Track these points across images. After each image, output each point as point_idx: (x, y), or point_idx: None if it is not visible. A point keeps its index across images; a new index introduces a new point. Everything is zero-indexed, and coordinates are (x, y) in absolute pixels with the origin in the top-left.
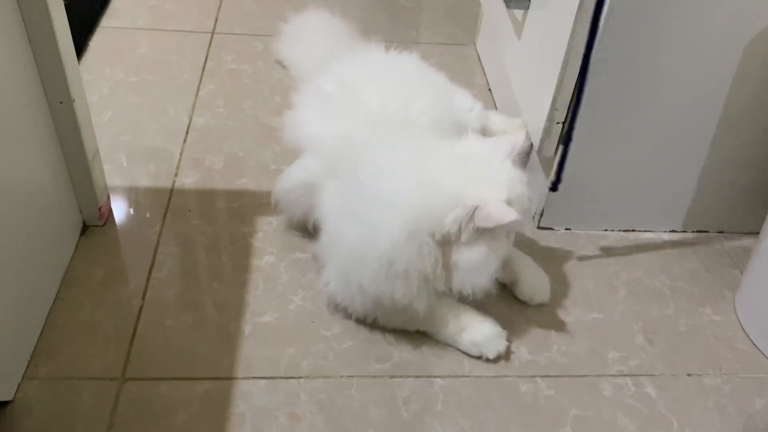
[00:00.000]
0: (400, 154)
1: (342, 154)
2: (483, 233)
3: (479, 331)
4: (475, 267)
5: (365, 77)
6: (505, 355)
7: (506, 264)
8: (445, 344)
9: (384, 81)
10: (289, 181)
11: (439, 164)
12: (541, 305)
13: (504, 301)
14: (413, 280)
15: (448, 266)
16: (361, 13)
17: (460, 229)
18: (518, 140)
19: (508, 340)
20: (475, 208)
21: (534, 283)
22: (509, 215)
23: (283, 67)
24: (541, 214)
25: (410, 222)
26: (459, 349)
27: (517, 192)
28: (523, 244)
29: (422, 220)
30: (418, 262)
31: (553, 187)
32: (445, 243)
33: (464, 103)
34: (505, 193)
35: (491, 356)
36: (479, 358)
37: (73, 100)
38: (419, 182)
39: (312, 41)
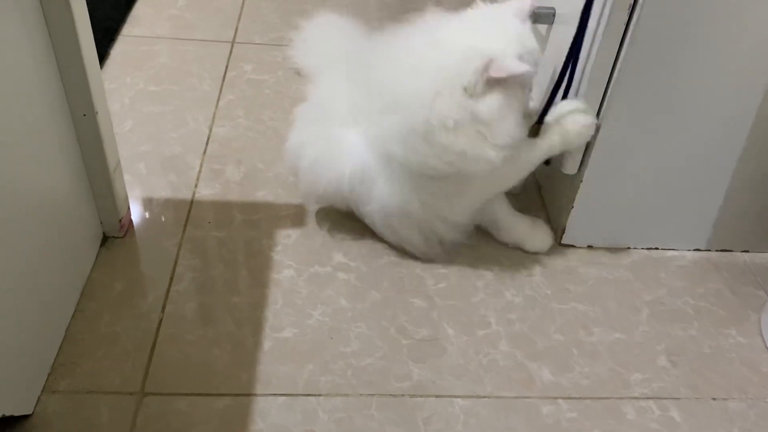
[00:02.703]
0: (407, 40)
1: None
2: (496, 85)
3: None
4: (496, 116)
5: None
6: (527, 376)
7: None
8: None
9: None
10: (309, 154)
11: (450, 30)
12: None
13: (524, 320)
14: (469, 130)
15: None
16: (380, 23)
17: (477, 81)
18: (525, 2)
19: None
20: (490, 60)
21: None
22: (521, 67)
23: (300, 75)
24: (563, 231)
25: (435, 82)
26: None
27: (528, 46)
28: (545, 260)
29: (445, 78)
30: (459, 113)
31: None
32: (470, 96)
33: None
34: (517, 47)
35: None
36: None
37: (96, 113)
38: (434, 45)
39: (323, 45)
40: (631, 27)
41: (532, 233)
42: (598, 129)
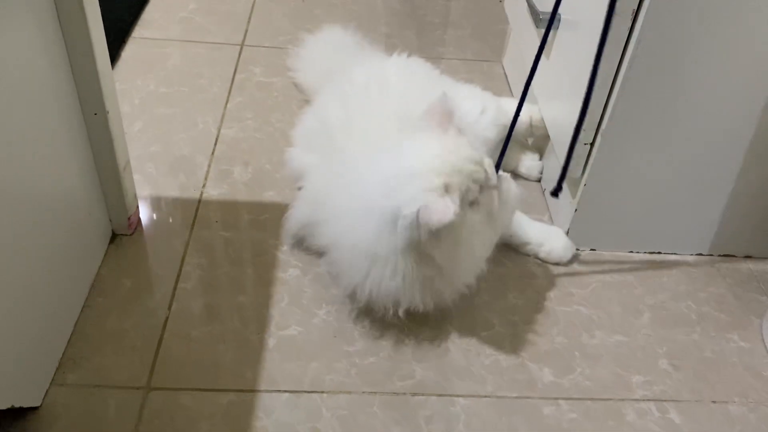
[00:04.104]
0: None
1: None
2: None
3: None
4: (454, 257)
5: (355, 92)
6: (529, 377)
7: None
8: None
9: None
10: (296, 222)
11: (372, 179)
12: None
13: (526, 322)
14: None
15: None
16: (388, 30)
17: (414, 235)
18: (443, 105)
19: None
20: (419, 211)
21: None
22: (448, 214)
23: (300, 91)
24: (567, 234)
25: (368, 251)
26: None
27: (456, 166)
28: (548, 263)
29: (378, 244)
30: (399, 281)
31: (554, 193)
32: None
33: (471, 106)
34: (439, 178)
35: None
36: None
37: (108, 112)
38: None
39: (322, 64)
40: (634, 33)
41: (552, 243)
42: (600, 132)
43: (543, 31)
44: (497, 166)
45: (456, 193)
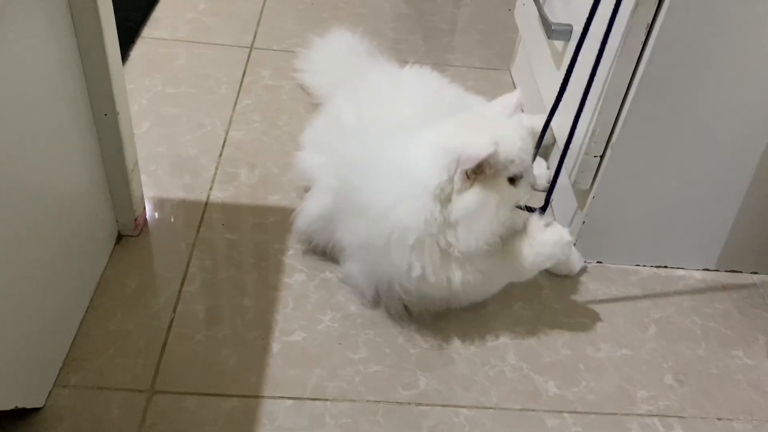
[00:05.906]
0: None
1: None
2: (476, 179)
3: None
4: (469, 213)
5: (366, 99)
6: (533, 389)
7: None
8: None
9: (382, 101)
10: (307, 217)
11: (429, 134)
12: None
13: (532, 333)
14: (431, 250)
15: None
16: (396, 34)
17: (451, 179)
18: (513, 97)
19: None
20: (460, 153)
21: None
22: (486, 149)
23: (308, 94)
24: (574, 246)
25: (401, 186)
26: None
27: (508, 136)
28: (554, 274)
29: (412, 181)
30: (421, 224)
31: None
32: (445, 199)
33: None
34: (490, 136)
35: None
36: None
37: (118, 113)
38: (405, 147)
39: (331, 67)
40: (648, 47)
41: None
42: (611, 145)
43: (554, 41)
44: None
45: (499, 147)
